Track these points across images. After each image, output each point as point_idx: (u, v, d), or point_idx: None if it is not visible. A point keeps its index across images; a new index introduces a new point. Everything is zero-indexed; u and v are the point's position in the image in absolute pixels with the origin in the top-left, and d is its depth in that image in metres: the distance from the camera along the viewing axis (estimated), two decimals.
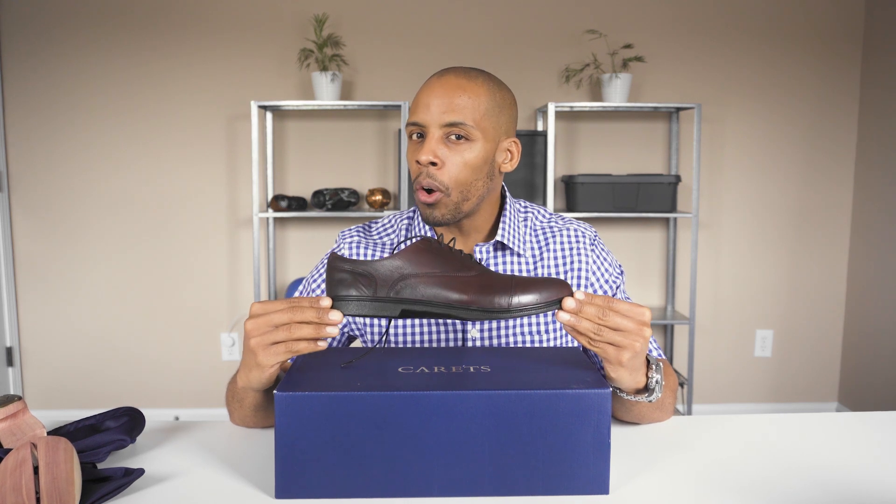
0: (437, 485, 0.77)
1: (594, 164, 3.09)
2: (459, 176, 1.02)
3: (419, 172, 1.02)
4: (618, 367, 0.84)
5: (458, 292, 0.82)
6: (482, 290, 0.82)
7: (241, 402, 0.97)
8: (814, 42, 3.06)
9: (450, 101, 1.00)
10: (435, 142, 1.01)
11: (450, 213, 1.04)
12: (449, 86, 1.02)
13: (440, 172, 1.01)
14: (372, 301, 0.82)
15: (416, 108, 1.03)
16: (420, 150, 1.02)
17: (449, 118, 1.00)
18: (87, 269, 3.06)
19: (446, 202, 1.03)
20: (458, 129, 1.01)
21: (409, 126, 1.04)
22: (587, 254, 1.14)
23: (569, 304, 0.81)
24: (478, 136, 1.02)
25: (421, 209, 1.05)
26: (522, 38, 3.04)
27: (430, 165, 1.01)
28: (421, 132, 1.03)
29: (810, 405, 3.23)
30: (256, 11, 2.98)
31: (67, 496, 0.70)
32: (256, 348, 0.83)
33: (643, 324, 0.82)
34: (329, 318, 0.80)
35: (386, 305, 0.82)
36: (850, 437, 0.97)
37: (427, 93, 1.02)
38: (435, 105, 1.01)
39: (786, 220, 3.14)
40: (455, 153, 1.02)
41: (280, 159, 3.05)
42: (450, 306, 0.82)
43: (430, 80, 1.05)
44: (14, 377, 3.08)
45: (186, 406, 3.13)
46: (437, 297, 0.82)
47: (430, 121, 1.01)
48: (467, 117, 1.01)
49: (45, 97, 2.98)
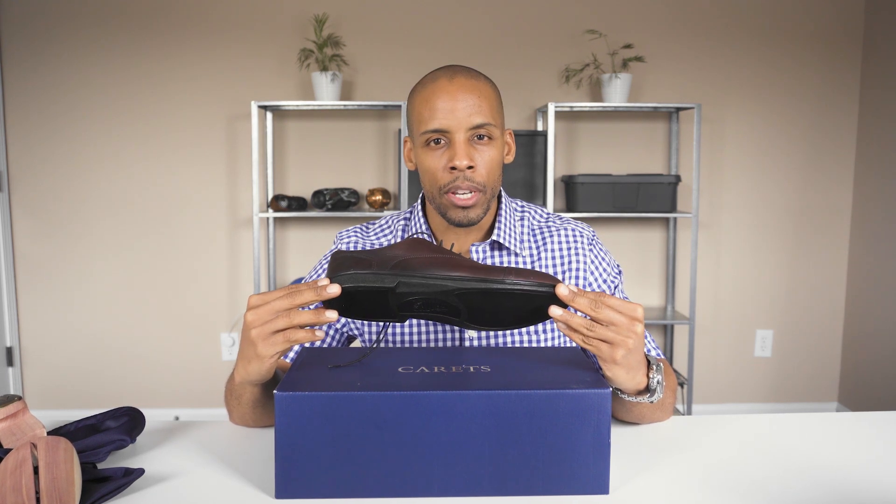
0: (437, 485, 0.77)
1: (594, 164, 3.09)
2: (490, 174, 1.05)
3: (453, 178, 1.03)
4: (612, 365, 0.83)
5: (453, 268, 0.83)
6: (477, 268, 0.83)
7: (240, 399, 0.97)
8: (814, 42, 3.06)
9: (472, 104, 1.02)
10: (465, 145, 1.02)
11: (482, 211, 1.07)
12: (464, 88, 1.03)
13: (476, 174, 1.03)
14: (369, 273, 0.83)
15: (436, 113, 1.02)
16: (452, 156, 1.02)
17: (475, 120, 1.02)
18: (87, 268, 3.06)
19: (482, 201, 1.06)
20: (483, 129, 1.03)
21: (430, 133, 1.03)
22: (585, 253, 1.14)
23: (562, 290, 0.81)
24: (497, 133, 1.06)
25: (453, 213, 1.05)
26: (522, 38, 3.04)
27: (468, 169, 1.02)
28: (441, 138, 1.03)
29: (810, 405, 3.23)
30: (256, 11, 2.98)
31: (67, 496, 0.70)
32: (256, 339, 0.83)
33: (635, 319, 0.82)
34: (327, 292, 0.81)
35: (384, 276, 0.83)
36: (850, 437, 0.97)
37: (445, 97, 1.02)
38: (460, 109, 1.01)
39: (786, 221, 3.14)
40: (481, 153, 1.04)
41: (280, 159, 3.05)
42: (447, 278, 0.83)
43: (438, 82, 1.04)
44: (14, 377, 3.08)
45: (186, 406, 3.13)
46: (433, 272, 0.83)
47: (457, 125, 1.02)
48: (488, 116, 1.03)
49: (45, 97, 2.98)
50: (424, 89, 1.05)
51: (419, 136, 1.05)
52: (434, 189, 1.06)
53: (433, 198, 1.07)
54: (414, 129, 1.07)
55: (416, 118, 1.06)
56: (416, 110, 1.06)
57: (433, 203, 1.08)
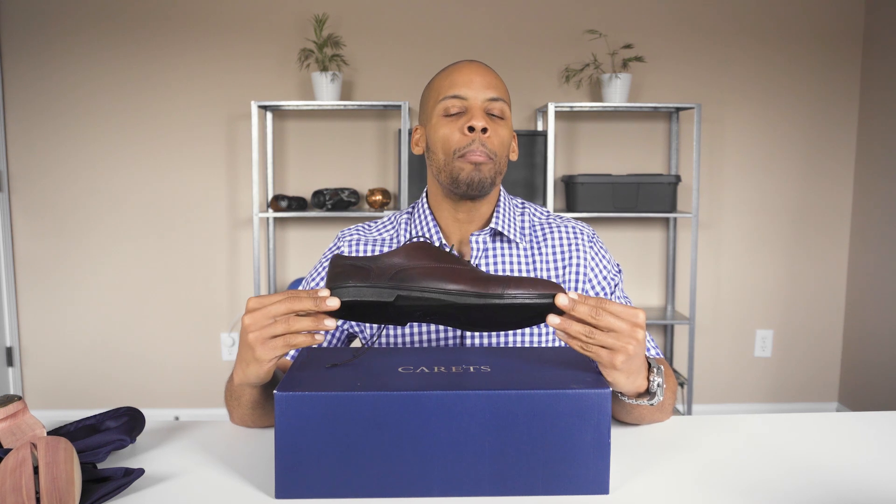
0: (437, 485, 0.77)
1: (594, 164, 3.09)
2: (500, 148, 1.09)
3: (469, 141, 1.06)
4: (612, 371, 0.82)
5: (452, 281, 0.83)
6: (476, 281, 0.83)
7: (239, 401, 0.97)
8: (814, 42, 3.06)
9: (489, 80, 1.09)
10: (481, 112, 1.07)
11: (490, 179, 1.08)
12: (482, 70, 1.10)
13: (489, 140, 1.07)
14: (368, 287, 0.83)
15: (456, 83, 1.08)
16: (469, 118, 1.06)
17: (492, 93, 1.08)
18: (87, 268, 3.06)
19: (491, 167, 1.08)
20: (498, 104, 1.08)
21: (450, 99, 1.08)
22: (585, 250, 1.15)
23: (561, 300, 0.80)
24: (508, 115, 1.11)
25: (466, 171, 1.07)
26: (522, 38, 3.04)
27: (482, 133, 1.06)
28: (461, 106, 1.08)
29: (810, 405, 3.23)
30: (256, 11, 2.98)
31: (67, 496, 0.70)
32: (255, 343, 0.82)
33: (636, 325, 0.81)
34: (326, 305, 0.80)
35: (382, 291, 0.83)
36: (850, 437, 0.97)
37: (465, 71, 1.09)
38: (477, 82, 1.08)
39: (786, 221, 3.14)
40: (494, 128, 1.08)
41: (280, 159, 3.05)
42: (445, 292, 0.83)
43: (456, 64, 1.10)
44: (14, 377, 3.08)
45: (186, 406, 3.13)
46: (431, 285, 0.83)
47: (474, 94, 1.07)
48: (503, 94, 1.10)
49: (45, 97, 2.98)
50: (443, 72, 1.11)
51: (436, 106, 1.09)
52: (447, 154, 1.08)
53: (444, 166, 1.08)
54: (429, 104, 1.12)
55: (434, 93, 1.11)
56: (434, 88, 1.11)
57: (443, 174, 1.09)
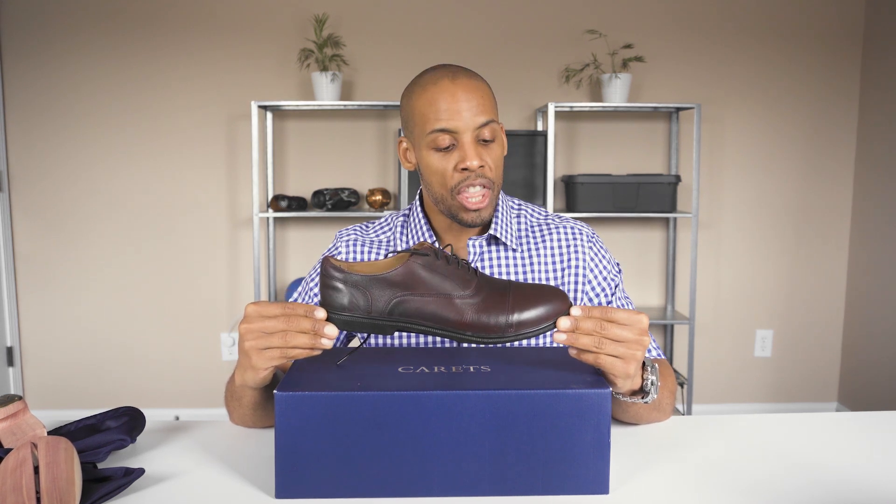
0: (437, 485, 0.77)
1: (594, 164, 3.09)
2: (496, 169, 1.06)
3: (464, 177, 1.02)
4: (626, 379, 0.83)
5: (453, 315, 0.81)
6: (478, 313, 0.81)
7: (240, 401, 0.97)
8: (814, 42, 3.06)
9: (476, 104, 1.02)
10: (474, 145, 1.02)
11: (493, 209, 1.08)
12: (467, 88, 1.02)
13: (485, 171, 1.04)
14: (367, 320, 0.82)
15: (441, 114, 1.01)
16: (463, 157, 1.02)
17: (481, 118, 1.02)
18: (87, 268, 3.06)
19: (493, 199, 1.06)
20: (488, 128, 1.03)
21: (438, 133, 1.02)
22: (585, 250, 1.14)
23: (563, 323, 0.80)
24: (498, 129, 1.06)
25: (465, 215, 1.05)
26: (522, 38, 3.04)
27: (480, 168, 1.02)
28: (448, 138, 1.02)
29: (810, 405, 3.23)
30: (256, 11, 2.98)
31: (68, 496, 0.70)
32: (251, 351, 0.82)
33: (643, 332, 0.81)
34: (325, 332, 0.80)
35: (381, 325, 0.82)
36: (850, 437, 0.97)
37: (450, 98, 1.01)
38: (465, 110, 1.01)
39: (786, 221, 3.14)
40: (488, 152, 1.04)
41: (280, 159, 3.05)
42: (444, 330, 0.82)
43: (441, 83, 1.02)
44: (14, 377, 3.08)
45: (186, 406, 3.13)
46: (431, 324, 0.82)
47: (464, 126, 1.01)
48: (490, 114, 1.04)
49: (45, 97, 2.98)
50: (426, 91, 1.03)
51: (424, 137, 1.03)
52: (444, 191, 1.04)
53: (442, 199, 1.06)
54: (415, 129, 1.05)
55: (419, 119, 1.04)
56: (417, 111, 1.04)
57: (441, 205, 1.07)
